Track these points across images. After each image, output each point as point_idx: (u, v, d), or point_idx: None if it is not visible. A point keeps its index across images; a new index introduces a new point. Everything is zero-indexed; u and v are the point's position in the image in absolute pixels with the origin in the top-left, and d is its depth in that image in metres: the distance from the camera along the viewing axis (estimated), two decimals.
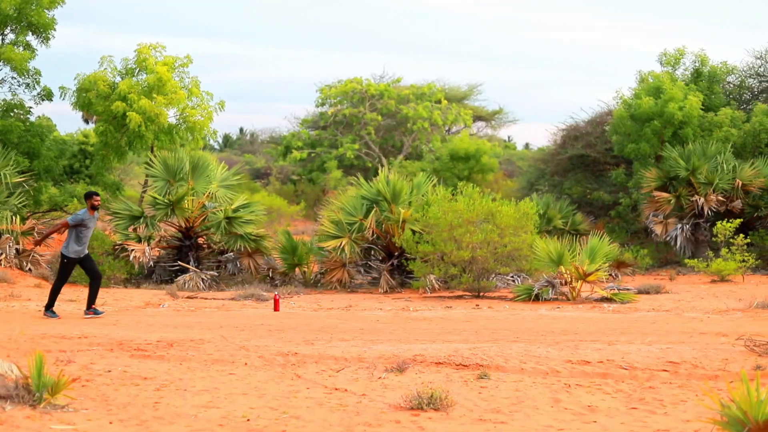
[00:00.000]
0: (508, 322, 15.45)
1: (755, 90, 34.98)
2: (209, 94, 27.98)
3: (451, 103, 50.60)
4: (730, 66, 32.90)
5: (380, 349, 11.77)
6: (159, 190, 24.17)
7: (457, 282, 20.89)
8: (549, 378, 9.89)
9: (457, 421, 7.98)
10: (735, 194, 27.49)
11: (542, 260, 20.25)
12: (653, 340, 12.49)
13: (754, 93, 34.88)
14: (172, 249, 24.60)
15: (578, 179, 34.54)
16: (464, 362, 10.66)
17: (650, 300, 19.28)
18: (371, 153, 48.67)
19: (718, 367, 10.22)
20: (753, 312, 16.37)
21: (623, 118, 30.21)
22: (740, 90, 34.37)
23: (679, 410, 8.42)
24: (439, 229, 20.97)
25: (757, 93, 34.81)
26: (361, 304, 19.12)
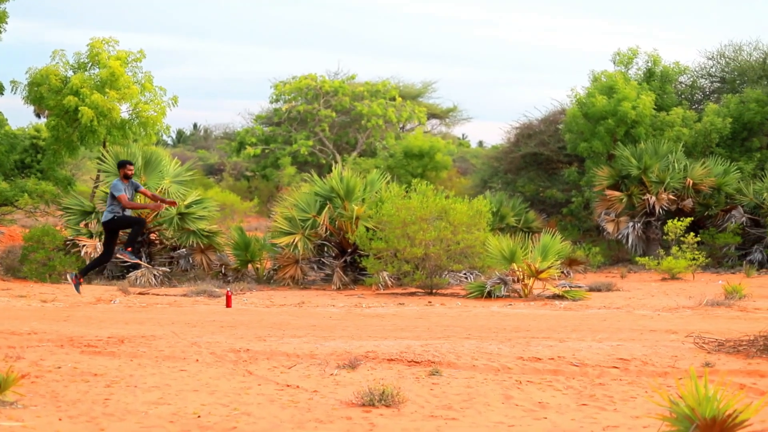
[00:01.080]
0: (461, 319, 15.49)
1: (707, 90, 35.30)
2: (162, 89, 27.80)
3: (405, 101, 50.62)
4: (683, 66, 33.21)
5: (332, 345, 11.76)
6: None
7: (410, 279, 20.91)
8: (500, 374, 9.92)
9: (408, 418, 7.99)
10: (686, 193, 27.73)
11: (495, 257, 20.32)
12: (604, 338, 12.57)
13: (706, 93, 35.20)
14: None
15: (531, 177, 34.69)
16: (416, 359, 10.68)
17: (601, 297, 19.41)
18: (325, 150, 48.59)
19: (668, 364, 10.30)
20: (702, 310, 16.53)
21: (576, 116, 30.38)
22: (692, 90, 34.68)
23: (629, 407, 8.48)
24: (393, 226, 20.98)
25: (708, 93, 35.13)
26: (314, 301, 19.10)
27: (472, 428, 7.65)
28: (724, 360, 10.48)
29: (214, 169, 55.84)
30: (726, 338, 11.42)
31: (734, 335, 11.71)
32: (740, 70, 33.70)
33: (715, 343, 11.29)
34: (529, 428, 7.67)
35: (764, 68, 32.91)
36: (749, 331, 11.91)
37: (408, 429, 7.59)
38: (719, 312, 16.17)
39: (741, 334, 11.55)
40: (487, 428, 7.66)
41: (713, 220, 28.03)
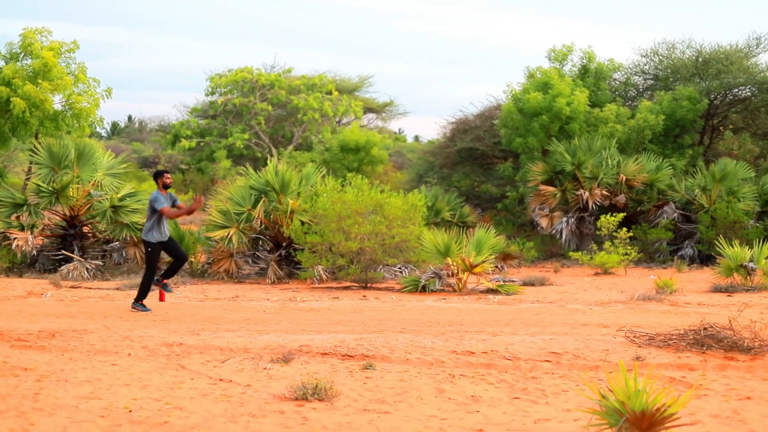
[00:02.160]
0: (395, 313, 15.52)
1: (640, 87, 35.71)
2: (96, 80, 27.48)
3: (341, 95, 50.57)
4: (617, 63, 33.55)
5: (266, 339, 11.73)
6: (43, 177, 23.69)
7: (344, 273, 20.91)
8: (434, 368, 9.96)
9: (341, 411, 8.00)
10: (619, 189, 28.02)
11: (430, 252, 20.38)
12: (537, 331, 12.67)
13: (639, 90, 35.60)
14: (56, 238, 24.14)
15: (467, 172, 34.85)
16: (350, 353, 10.69)
17: (535, 292, 19.56)
18: (261, 143, 48.40)
19: (599, 358, 10.41)
20: (634, 304, 16.71)
21: (511, 112, 30.56)
22: (626, 87, 35.06)
23: (561, 400, 8.56)
24: (328, 220, 20.97)
25: (642, 90, 35.54)
26: (248, 295, 19.02)
27: (405, 422, 7.67)
28: (654, 354, 10.60)
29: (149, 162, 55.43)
30: (657, 332, 11.55)
31: (665, 329, 11.85)
32: (673, 67, 34.11)
33: (646, 337, 11.43)
34: (462, 421, 7.71)
35: (697, 66, 33.34)
36: (679, 325, 12.07)
37: (341, 423, 7.59)
38: (650, 306, 16.35)
39: (671, 328, 11.70)
40: (420, 422, 7.69)
41: (645, 216, 28.35)
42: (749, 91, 33.03)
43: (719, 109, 33.51)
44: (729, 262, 19.76)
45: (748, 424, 7.62)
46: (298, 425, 7.52)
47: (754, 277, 19.55)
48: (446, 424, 7.63)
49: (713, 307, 16.08)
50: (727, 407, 8.21)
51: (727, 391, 8.88)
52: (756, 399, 8.54)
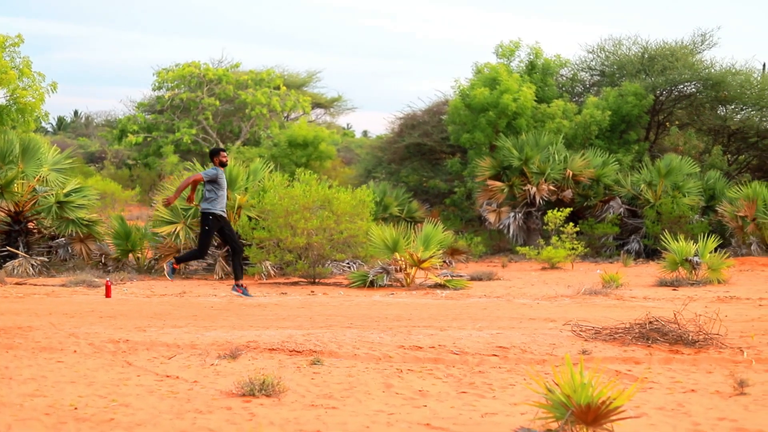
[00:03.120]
0: (343, 308, 15.51)
1: (587, 83, 35.98)
2: (41, 75, 27.19)
3: (290, 90, 50.42)
4: (564, 59, 33.78)
5: (213, 335, 11.68)
6: None
7: (292, 268, 20.87)
8: (381, 363, 9.97)
9: (288, 407, 7.98)
10: (566, 184, 28.20)
11: (378, 247, 20.39)
12: (484, 326, 12.71)
13: (586, 86, 35.87)
14: (0, 234, 23.87)
15: (415, 167, 34.91)
16: (298, 348, 10.66)
17: (482, 286, 19.63)
18: (209, 138, 48.15)
19: (546, 352, 10.46)
20: (581, 298, 16.83)
21: (459, 108, 30.65)
22: (573, 83, 35.30)
23: (508, 394, 8.59)
24: (275, 216, 20.91)
25: (588, 86, 35.81)
26: (196, 291, 18.93)
27: (352, 417, 7.67)
28: (600, 347, 10.68)
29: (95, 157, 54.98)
30: (603, 326, 11.63)
31: (611, 323, 11.94)
32: (619, 63, 34.40)
33: (592, 331, 11.50)
34: (409, 416, 7.72)
35: (643, 62, 33.64)
36: (625, 319, 12.15)
37: (288, 418, 7.58)
38: (597, 300, 16.48)
39: (617, 322, 11.78)
40: (367, 417, 7.69)
41: (592, 211, 28.56)
42: (694, 87, 33.39)
43: (665, 105, 33.84)
44: (674, 257, 19.95)
45: (693, 416, 7.70)
46: (245, 421, 7.49)
47: (698, 272, 19.76)
48: (393, 418, 7.64)
49: (659, 301, 16.23)
50: (672, 400, 8.29)
51: (672, 384, 8.96)
52: (700, 392, 8.62)
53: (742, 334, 11.57)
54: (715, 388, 8.75)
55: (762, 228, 25.73)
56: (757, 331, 11.82)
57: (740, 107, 33.77)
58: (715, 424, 7.44)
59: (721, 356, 10.15)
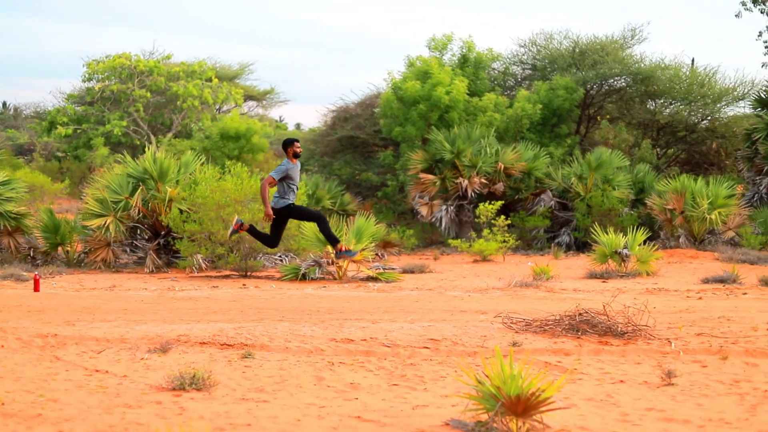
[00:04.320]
0: (275, 302, 15.47)
1: (518, 77, 36.20)
2: None
3: (222, 82, 50.07)
4: (496, 53, 33.90)
5: (144, 329, 11.58)
6: None
7: (224, 262, 20.76)
8: (313, 356, 9.95)
9: (219, 401, 7.93)
10: (497, 177, 28.33)
11: (310, 240, 20.34)
12: (416, 318, 12.74)
13: (518, 80, 36.09)
14: None
15: (347, 160, 34.87)
16: (229, 342, 10.61)
17: (414, 279, 19.68)
18: (140, 130, 47.69)
19: (477, 344, 10.51)
20: (511, 290, 16.93)
21: (391, 101, 30.66)
22: (504, 76, 35.49)
23: (439, 386, 8.62)
24: (207, 209, 20.79)
25: (520, 80, 36.03)
26: (126, 284, 18.77)
27: (283, 410, 7.65)
28: (531, 339, 10.75)
29: (24, 150, 54.20)
30: (533, 318, 11.71)
31: (541, 315, 12.02)
32: (551, 58, 34.67)
33: (523, 323, 11.58)
34: (340, 409, 7.71)
35: (573, 57, 33.93)
36: (556, 310, 12.25)
37: (218, 412, 7.53)
38: (528, 293, 16.60)
39: (548, 314, 11.87)
40: (298, 410, 7.67)
41: (523, 204, 28.73)
42: (624, 81, 33.76)
43: (595, 99, 34.17)
44: (604, 249, 20.15)
45: (621, 406, 7.78)
46: (175, 415, 7.44)
47: (628, 264, 19.97)
48: (324, 411, 7.63)
49: (588, 293, 16.39)
50: (601, 391, 8.37)
51: (601, 375, 9.05)
52: (629, 382, 8.72)
53: (670, 325, 11.72)
54: (644, 379, 8.85)
55: (690, 221, 26.07)
56: (685, 323, 11.98)
57: (669, 101, 34.22)
58: (643, 414, 7.53)
59: (650, 347, 10.27)
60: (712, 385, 8.63)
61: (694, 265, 22.41)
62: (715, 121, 34.02)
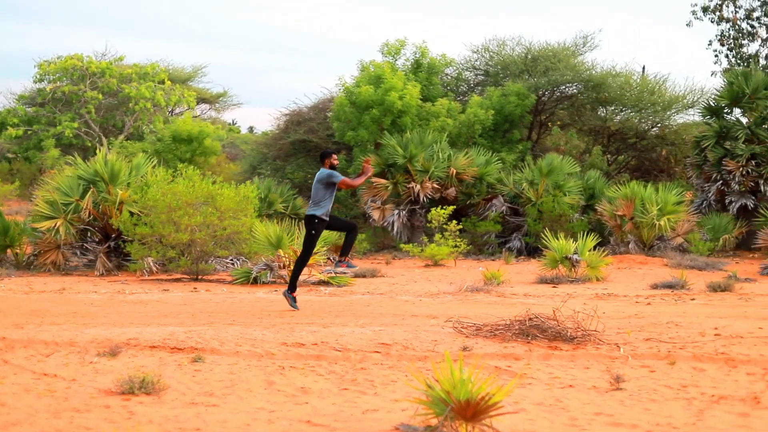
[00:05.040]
0: (226, 305, 15.43)
1: (471, 83, 36.39)
2: None
3: (174, 84, 49.89)
4: (449, 59, 34.07)
5: (93, 333, 11.50)
6: None
7: (175, 265, 20.68)
8: (264, 360, 9.93)
9: (168, 405, 7.90)
10: (449, 182, 28.43)
11: (261, 244, 20.29)
12: (367, 323, 12.75)
13: (470, 85, 36.26)
14: None
15: (300, 164, 34.86)
16: (179, 345, 10.57)
17: (366, 283, 19.70)
18: (91, 132, 47.39)
19: (428, 349, 10.54)
20: (462, 295, 16.99)
21: (344, 105, 30.68)
22: (457, 82, 35.66)
23: (389, 390, 8.64)
24: (158, 211, 20.69)
25: (473, 86, 36.22)
26: (76, 287, 18.63)
27: (233, 414, 7.63)
28: (481, 344, 10.79)
29: None
30: (484, 323, 11.76)
31: (492, 320, 12.07)
32: (503, 64, 34.88)
33: (474, 327, 11.63)
34: (290, 413, 7.71)
35: (525, 63, 34.15)
36: (506, 315, 12.30)
37: (168, 417, 7.51)
38: (478, 297, 16.66)
39: (498, 319, 11.92)
40: (248, 414, 7.66)
41: (475, 209, 28.84)
42: (576, 88, 34.05)
43: (547, 105, 34.41)
44: (554, 254, 20.28)
45: (570, 411, 7.84)
46: (123, 420, 7.40)
47: (578, 269, 20.11)
48: (274, 416, 7.62)
49: (539, 298, 16.48)
50: (550, 395, 8.42)
51: (550, 379, 9.11)
52: (578, 387, 8.78)
53: (619, 330, 11.81)
54: (593, 384, 8.92)
55: (639, 227, 26.30)
56: (634, 328, 12.08)
57: (620, 108, 34.55)
58: (592, 419, 7.59)
59: (599, 352, 10.35)
60: (660, 389, 8.72)
61: (644, 270, 22.61)
62: (665, 128, 34.39)
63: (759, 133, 28.20)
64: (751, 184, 28.10)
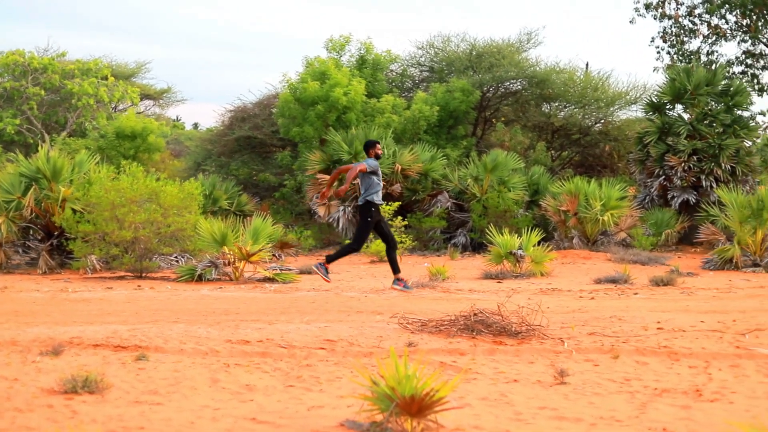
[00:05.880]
0: (170, 303, 15.33)
1: (416, 79, 36.44)
2: None
3: (118, 80, 49.47)
4: (394, 55, 34.10)
5: (36, 331, 11.39)
6: None
7: (119, 262, 20.53)
8: (208, 358, 9.89)
9: (112, 404, 7.84)
10: (395, 178, 28.45)
11: (206, 241, 20.19)
12: (312, 319, 12.74)
13: (415, 82, 36.32)
14: None
15: (245, 160, 34.71)
16: (123, 344, 10.49)
17: (311, 280, 19.66)
18: (33, 129, 46.87)
19: (373, 345, 10.55)
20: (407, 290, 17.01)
21: (289, 101, 30.60)
22: (402, 78, 35.69)
23: (335, 387, 8.63)
24: (101, 209, 20.52)
25: (418, 82, 36.27)
26: (18, 286, 18.43)
27: (177, 412, 7.59)
28: (426, 339, 10.82)
29: None
30: (429, 318, 11.79)
31: (437, 315, 12.10)
32: (448, 60, 34.97)
33: (419, 323, 11.65)
34: (235, 411, 7.68)
35: (470, 59, 34.27)
36: (451, 311, 12.34)
37: (111, 415, 7.45)
38: (424, 293, 16.70)
39: (443, 314, 11.96)
40: (193, 412, 7.62)
41: (420, 205, 28.91)
42: (520, 84, 34.23)
43: (491, 101, 34.55)
44: (499, 250, 20.37)
45: (515, 405, 7.87)
46: (66, 419, 7.33)
47: (522, 264, 20.22)
48: (219, 413, 7.59)
49: (484, 293, 16.55)
50: (495, 390, 8.46)
51: (495, 374, 9.15)
52: (522, 381, 8.83)
53: (563, 324, 11.89)
54: (537, 378, 8.97)
55: (583, 222, 26.51)
56: (578, 322, 12.17)
57: (564, 105, 34.81)
58: (536, 413, 7.63)
59: (543, 347, 10.42)
60: (604, 383, 8.79)
61: (587, 265, 22.79)
62: (608, 124, 34.69)
63: (700, 129, 28.52)
64: (693, 180, 28.41)
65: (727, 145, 28.25)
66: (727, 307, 14.23)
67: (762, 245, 22.00)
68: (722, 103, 28.97)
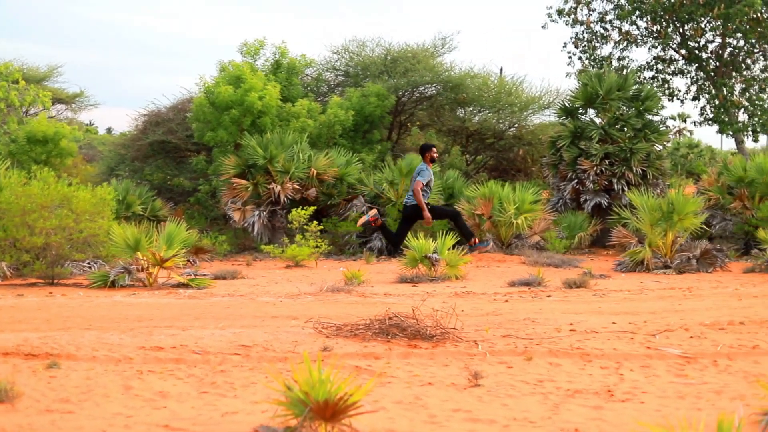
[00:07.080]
0: (82, 310, 15.14)
1: (332, 83, 36.42)
2: None
3: (29, 84, 48.71)
4: (309, 59, 34.06)
5: None
6: None
7: (30, 269, 20.20)
8: (121, 365, 9.80)
9: (22, 413, 7.73)
10: (310, 183, 28.41)
11: (119, 246, 19.96)
12: (227, 325, 12.68)
13: (331, 86, 36.29)
14: None
15: (159, 165, 34.37)
16: (33, 352, 10.35)
17: (226, 285, 19.56)
18: None
19: (288, 350, 10.54)
20: (323, 295, 17.01)
21: (203, 105, 30.39)
22: (317, 83, 35.64)
23: (249, 392, 8.61)
24: (11, 215, 20.19)
25: (333, 86, 36.25)
26: None
27: (89, 420, 7.51)
28: (342, 344, 10.84)
29: None
30: (344, 323, 11.82)
31: (352, 319, 12.14)
32: (363, 65, 35.01)
33: (334, 327, 11.67)
34: (148, 418, 7.63)
35: (386, 64, 34.35)
36: (366, 315, 12.38)
37: (21, 425, 7.34)
38: (339, 297, 16.71)
39: (358, 318, 11.99)
40: (105, 420, 7.55)
41: (336, 209, 28.90)
42: (435, 89, 34.38)
43: (407, 106, 34.68)
44: (414, 254, 20.46)
45: (429, 409, 7.93)
46: None
47: (437, 268, 20.34)
48: (132, 421, 7.53)
49: (399, 297, 16.60)
50: (410, 393, 8.51)
51: (410, 377, 9.19)
52: (437, 384, 8.89)
53: (478, 327, 11.99)
54: (452, 381, 9.04)
55: (497, 225, 26.73)
56: (492, 325, 12.28)
57: (478, 109, 35.03)
58: (450, 416, 7.69)
59: (458, 349, 10.49)
60: (518, 385, 8.88)
61: (502, 268, 22.99)
62: (522, 128, 35.00)
63: (612, 133, 28.91)
64: (605, 183, 28.77)
65: (638, 149, 28.68)
66: (639, 309, 14.48)
67: (672, 247, 22.39)
68: (633, 107, 29.41)
